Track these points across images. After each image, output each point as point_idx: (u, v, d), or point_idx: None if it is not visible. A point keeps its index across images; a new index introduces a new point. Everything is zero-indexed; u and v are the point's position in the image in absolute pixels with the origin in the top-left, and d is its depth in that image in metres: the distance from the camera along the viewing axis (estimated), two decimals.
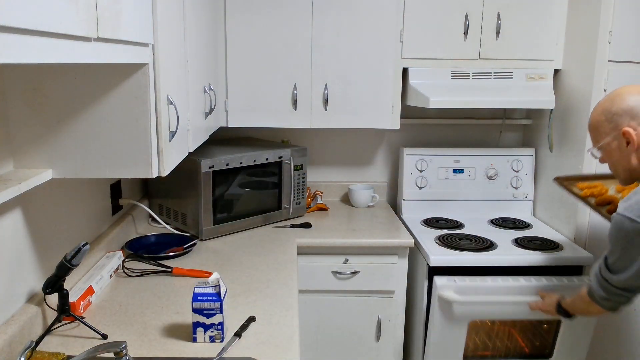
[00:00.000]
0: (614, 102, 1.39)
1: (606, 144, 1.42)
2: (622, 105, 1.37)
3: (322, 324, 2.25)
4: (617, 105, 1.38)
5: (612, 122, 1.39)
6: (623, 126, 1.37)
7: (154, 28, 1.24)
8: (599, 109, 1.43)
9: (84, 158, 1.26)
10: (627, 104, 1.36)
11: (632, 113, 1.35)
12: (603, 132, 1.42)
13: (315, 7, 2.29)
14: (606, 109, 1.41)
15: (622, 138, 1.37)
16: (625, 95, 1.38)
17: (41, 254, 1.43)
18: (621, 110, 1.37)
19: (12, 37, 0.64)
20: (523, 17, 2.34)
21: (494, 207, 2.64)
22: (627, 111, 1.36)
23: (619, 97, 1.39)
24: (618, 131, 1.38)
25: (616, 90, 1.41)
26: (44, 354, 1.23)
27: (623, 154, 1.40)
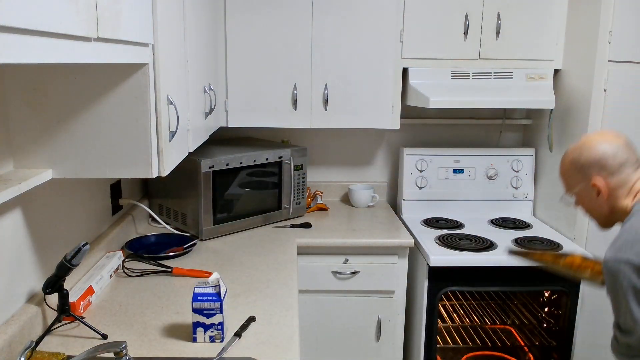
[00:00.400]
0: (582, 152, 1.39)
1: (577, 193, 1.43)
2: (590, 156, 1.37)
3: (322, 324, 2.25)
4: (585, 156, 1.38)
5: (582, 173, 1.39)
6: (592, 177, 1.37)
7: (154, 28, 1.24)
8: (569, 159, 1.44)
9: (84, 158, 1.26)
10: (595, 155, 1.37)
11: (601, 164, 1.36)
12: (573, 182, 1.43)
13: (315, 7, 2.29)
14: (575, 159, 1.41)
15: (592, 188, 1.38)
16: (593, 145, 1.38)
17: (41, 254, 1.43)
18: (589, 162, 1.37)
19: (12, 37, 0.64)
20: (523, 17, 2.34)
21: (494, 207, 2.64)
22: (596, 162, 1.36)
23: (587, 147, 1.39)
24: (588, 182, 1.39)
25: (584, 139, 1.41)
26: (44, 354, 1.23)
27: (595, 203, 1.41)
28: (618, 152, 1.34)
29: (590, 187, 1.37)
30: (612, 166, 1.34)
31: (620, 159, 1.34)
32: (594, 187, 1.37)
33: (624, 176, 1.34)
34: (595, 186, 1.36)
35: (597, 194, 1.37)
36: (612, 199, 1.37)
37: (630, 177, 1.34)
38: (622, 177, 1.34)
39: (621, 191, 1.35)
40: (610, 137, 1.37)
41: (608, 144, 1.36)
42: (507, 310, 2.58)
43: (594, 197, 1.38)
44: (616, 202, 1.37)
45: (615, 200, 1.36)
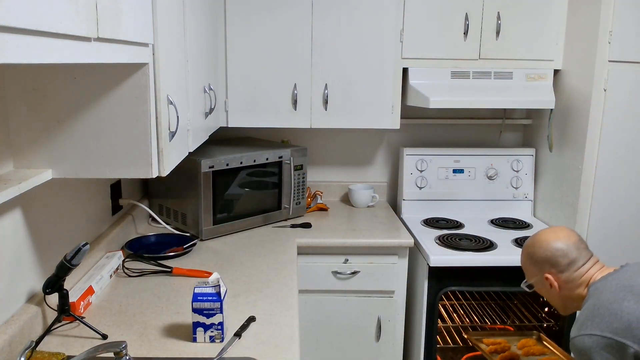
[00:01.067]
0: (536, 249, 1.52)
1: (534, 283, 1.55)
2: (543, 254, 1.50)
3: (322, 324, 2.25)
4: (539, 253, 1.51)
5: (536, 267, 1.52)
6: (544, 272, 1.50)
7: (154, 28, 1.24)
8: (525, 253, 1.56)
9: (84, 158, 1.26)
10: (546, 254, 1.49)
11: (551, 262, 1.48)
12: (530, 273, 1.56)
13: (315, 8, 2.29)
14: (530, 254, 1.54)
15: (545, 281, 1.51)
16: (546, 244, 1.50)
17: (41, 254, 1.43)
18: (542, 259, 1.50)
19: (12, 37, 0.64)
20: (523, 17, 2.34)
21: (494, 207, 2.64)
22: (547, 260, 1.49)
23: (540, 245, 1.51)
24: (541, 275, 1.51)
25: (539, 236, 1.53)
26: (44, 354, 1.23)
27: (550, 293, 1.53)
28: (569, 252, 1.47)
29: (544, 280, 1.50)
30: (562, 264, 1.47)
31: (570, 257, 1.46)
32: (547, 281, 1.50)
33: (574, 273, 1.46)
34: (548, 280, 1.49)
35: (550, 286, 1.50)
36: (563, 291, 1.49)
37: (579, 272, 1.46)
38: (572, 274, 1.46)
39: (572, 285, 1.47)
40: (562, 236, 1.50)
41: (560, 243, 1.49)
42: (507, 311, 2.58)
43: (549, 288, 1.51)
44: (569, 293, 1.49)
45: (567, 292, 1.48)
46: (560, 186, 2.37)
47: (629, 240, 2.25)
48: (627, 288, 1.33)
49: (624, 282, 1.36)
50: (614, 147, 2.17)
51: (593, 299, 1.37)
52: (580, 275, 1.46)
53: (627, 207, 2.22)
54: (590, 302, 1.37)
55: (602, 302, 1.33)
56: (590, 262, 1.48)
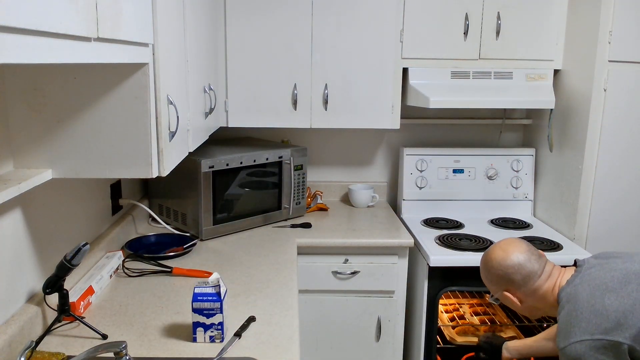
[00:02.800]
0: (489, 270, 1.52)
1: (498, 297, 1.55)
2: (496, 274, 1.50)
3: (322, 324, 2.25)
4: (492, 273, 1.51)
5: (495, 285, 1.53)
6: (503, 290, 1.51)
7: (154, 28, 1.24)
8: (482, 273, 1.57)
9: (84, 158, 1.26)
10: (499, 273, 1.49)
11: (506, 280, 1.48)
12: (492, 289, 1.56)
13: (315, 7, 2.29)
14: (485, 275, 1.55)
15: (507, 298, 1.51)
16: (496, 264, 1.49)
17: (41, 254, 1.43)
18: (497, 278, 1.50)
19: (12, 37, 0.64)
20: (523, 17, 2.34)
21: (494, 207, 2.64)
22: (502, 278, 1.49)
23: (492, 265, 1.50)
24: (501, 292, 1.52)
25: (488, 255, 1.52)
26: (44, 354, 1.23)
27: (515, 306, 1.53)
28: (521, 267, 1.46)
29: (504, 296, 1.51)
30: (517, 281, 1.46)
31: (524, 272, 1.46)
32: (508, 297, 1.51)
33: (532, 286, 1.46)
34: (508, 296, 1.50)
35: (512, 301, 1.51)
36: (527, 302, 1.49)
37: (538, 284, 1.45)
38: (530, 287, 1.46)
39: (534, 296, 1.47)
40: (511, 251, 1.48)
41: (510, 260, 1.47)
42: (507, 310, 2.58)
43: (512, 302, 1.52)
44: (533, 304, 1.49)
45: (531, 302, 1.49)
46: (560, 186, 2.37)
47: (628, 240, 2.25)
48: (602, 287, 1.32)
49: (594, 282, 1.34)
50: (614, 147, 2.17)
51: (570, 304, 1.35)
52: (540, 286, 1.46)
53: (627, 207, 2.22)
54: (567, 308, 1.35)
55: (582, 306, 1.31)
56: (546, 271, 1.47)
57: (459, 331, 2.30)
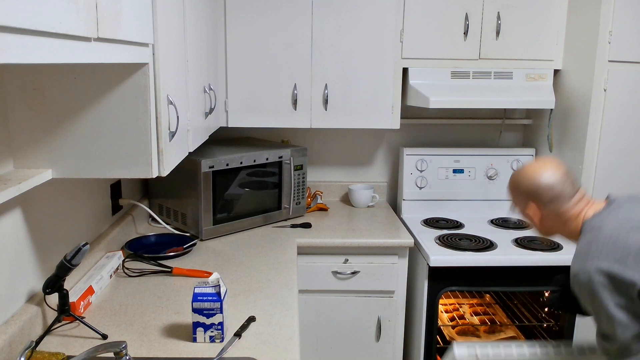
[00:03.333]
0: (522, 180, 1.51)
1: (519, 210, 1.56)
2: (527, 186, 1.49)
3: (322, 324, 2.25)
4: (524, 184, 1.50)
5: (520, 197, 1.52)
6: (527, 203, 1.50)
7: (154, 28, 1.24)
8: (511, 182, 1.56)
9: (84, 158, 1.26)
10: (531, 185, 1.48)
11: (535, 194, 1.48)
12: (515, 201, 1.55)
13: (315, 7, 2.29)
14: (515, 185, 1.54)
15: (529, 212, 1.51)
16: (533, 176, 1.49)
17: (41, 254, 1.43)
18: (526, 190, 1.50)
19: (12, 37, 0.64)
20: (523, 17, 2.34)
21: (494, 207, 2.64)
22: (531, 192, 1.48)
23: (527, 176, 1.50)
24: (525, 205, 1.51)
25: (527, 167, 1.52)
26: (44, 354, 1.23)
27: (533, 222, 1.53)
28: (554, 185, 1.45)
29: (527, 210, 1.51)
30: (545, 197, 1.46)
31: (555, 191, 1.45)
32: (530, 211, 1.50)
33: (557, 207, 1.45)
34: (531, 210, 1.50)
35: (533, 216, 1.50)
36: (547, 222, 1.49)
37: (565, 208, 1.45)
38: (555, 207, 1.45)
39: (557, 219, 1.47)
40: (550, 169, 1.48)
41: (546, 176, 1.47)
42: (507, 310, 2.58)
43: (532, 217, 1.51)
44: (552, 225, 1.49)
45: (551, 224, 1.49)
46: None
47: None
48: (628, 224, 1.30)
49: (622, 218, 1.34)
50: (614, 147, 2.17)
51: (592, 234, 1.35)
52: (567, 210, 1.44)
53: None
54: (588, 237, 1.35)
55: (604, 237, 1.31)
56: (576, 198, 1.45)
57: (458, 331, 2.30)
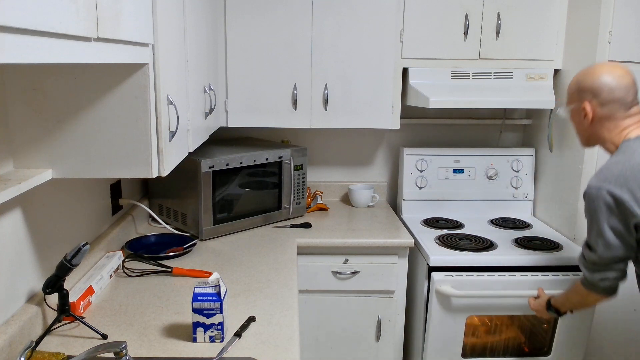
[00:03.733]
0: (586, 77, 1.53)
1: (571, 109, 1.61)
2: (590, 83, 1.51)
3: (322, 324, 2.25)
4: (587, 81, 1.53)
5: (579, 94, 1.55)
6: (584, 101, 1.53)
7: (154, 28, 1.24)
8: (575, 79, 1.59)
9: (84, 158, 1.26)
10: (594, 83, 1.50)
11: (595, 92, 1.50)
12: (571, 99, 1.60)
13: (315, 7, 2.29)
14: (579, 80, 1.56)
15: (581, 110, 1.55)
16: (598, 74, 1.51)
17: (41, 254, 1.43)
18: (587, 87, 1.52)
19: (12, 37, 0.64)
20: (523, 17, 2.34)
21: (494, 207, 2.64)
22: (592, 89, 1.51)
23: (592, 74, 1.52)
24: (580, 103, 1.55)
25: (596, 65, 1.55)
26: (44, 354, 1.23)
27: (581, 123, 1.58)
28: (616, 89, 1.48)
29: (581, 108, 1.55)
30: (604, 98, 1.49)
31: (615, 95, 1.48)
32: (583, 110, 1.54)
33: (612, 111, 1.49)
34: (584, 110, 1.53)
35: (584, 116, 1.54)
36: (595, 126, 1.53)
37: (617, 113, 1.49)
38: (610, 111, 1.49)
39: (606, 123, 1.51)
40: (617, 73, 1.49)
41: (611, 77, 1.49)
42: None
43: (582, 117, 1.56)
44: (599, 130, 1.53)
45: (598, 128, 1.53)
46: (560, 186, 2.37)
47: None
48: None
49: None
50: None
51: (624, 155, 1.43)
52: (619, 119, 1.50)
53: None
54: (619, 157, 1.44)
55: (633, 164, 1.40)
56: (633, 110, 1.49)
57: None
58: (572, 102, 1.59)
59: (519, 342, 2.24)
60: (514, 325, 2.24)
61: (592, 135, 1.56)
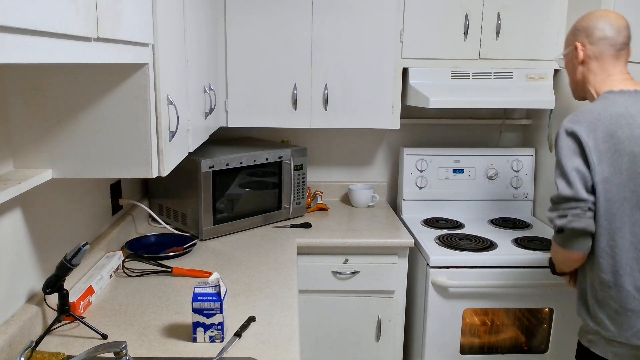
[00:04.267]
0: (582, 19, 1.60)
1: (566, 54, 1.65)
2: (584, 23, 1.58)
3: (322, 324, 2.25)
4: (581, 22, 1.59)
5: (574, 35, 1.61)
6: (577, 41, 1.59)
7: (154, 28, 1.24)
8: (573, 24, 1.64)
9: (84, 158, 1.26)
10: (588, 23, 1.57)
11: (588, 31, 1.56)
12: (567, 43, 1.65)
13: (315, 7, 2.29)
14: (574, 24, 1.63)
15: (574, 51, 1.60)
16: (592, 16, 1.58)
17: (41, 254, 1.43)
18: (581, 27, 1.59)
19: (12, 37, 0.64)
20: (523, 17, 2.34)
21: (494, 207, 2.64)
22: (585, 28, 1.57)
23: (587, 16, 1.60)
24: (574, 45, 1.60)
25: (593, 11, 1.61)
26: (44, 354, 1.23)
27: (573, 66, 1.62)
28: (607, 27, 1.54)
29: (574, 49, 1.60)
30: (596, 36, 1.55)
31: (607, 33, 1.54)
32: (575, 50, 1.59)
33: (602, 49, 1.55)
34: (576, 49, 1.59)
35: (576, 56, 1.59)
36: (584, 68, 1.59)
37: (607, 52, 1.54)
38: (600, 49, 1.55)
39: (594, 65, 1.56)
40: (612, 15, 1.57)
41: (605, 18, 1.56)
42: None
43: (575, 59, 1.60)
44: (587, 74, 1.58)
45: (586, 71, 1.58)
46: None
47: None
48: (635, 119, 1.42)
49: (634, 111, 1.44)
50: None
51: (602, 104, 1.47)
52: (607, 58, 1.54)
53: None
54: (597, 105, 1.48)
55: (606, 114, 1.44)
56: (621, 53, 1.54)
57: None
58: (567, 47, 1.64)
59: (517, 339, 2.24)
60: (511, 323, 2.24)
61: (580, 81, 1.61)
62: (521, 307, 2.14)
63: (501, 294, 2.11)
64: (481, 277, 2.09)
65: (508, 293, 2.11)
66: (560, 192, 1.46)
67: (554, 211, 1.50)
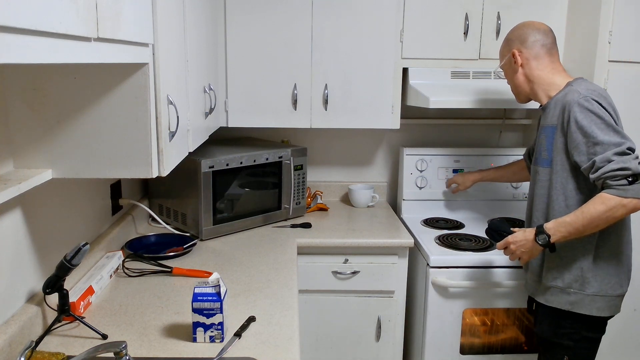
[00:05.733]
0: (512, 31, 1.79)
1: (504, 65, 1.82)
2: (515, 34, 1.77)
3: (322, 324, 2.25)
4: (513, 33, 1.78)
5: (507, 45, 1.79)
6: (513, 49, 1.76)
7: (154, 28, 1.24)
8: (505, 38, 1.83)
9: (84, 158, 1.26)
10: (518, 33, 1.76)
11: (521, 39, 1.74)
12: (503, 54, 1.82)
13: (315, 7, 2.29)
14: (506, 36, 1.81)
15: (512, 58, 1.76)
16: (519, 27, 1.77)
17: (41, 254, 1.43)
18: (514, 37, 1.77)
19: (12, 37, 0.64)
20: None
21: (494, 207, 2.64)
22: (517, 37, 1.76)
23: (515, 28, 1.79)
24: (510, 53, 1.77)
25: (521, 23, 1.79)
26: (44, 354, 1.23)
27: (513, 72, 1.78)
28: (536, 33, 1.73)
29: (511, 56, 1.76)
30: (528, 41, 1.73)
31: (536, 37, 1.72)
32: (512, 57, 1.76)
33: (536, 50, 1.72)
34: (513, 56, 1.75)
35: (515, 62, 1.75)
36: (526, 69, 1.74)
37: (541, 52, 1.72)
38: (535, 51, 1.72)
39: (534, 63, 1.73)
40: (535, 23, 1.76)
41: (531, 25, 1.75)
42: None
43: (513, 65, 1.76)
44: (530, 73, 1.74)
45: (529, 71, 1.74)
46: None
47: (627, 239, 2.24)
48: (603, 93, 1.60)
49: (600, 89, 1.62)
50: None
51: (586, 83, 1.62)
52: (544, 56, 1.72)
53: None
54: (584, 84, 1.62)
55: (600, 88, 1.61)
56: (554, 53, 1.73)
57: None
58: (503, 58, 1.81)
59: (517, 339, 2.24)
60: (511, 323, 2.24)
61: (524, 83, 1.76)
62: (521, 307, 2.14)
63: (501, 294, 2.11)
64: (481, 277, 2.09)
65: (508, 293, 2.11)
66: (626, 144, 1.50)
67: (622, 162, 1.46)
